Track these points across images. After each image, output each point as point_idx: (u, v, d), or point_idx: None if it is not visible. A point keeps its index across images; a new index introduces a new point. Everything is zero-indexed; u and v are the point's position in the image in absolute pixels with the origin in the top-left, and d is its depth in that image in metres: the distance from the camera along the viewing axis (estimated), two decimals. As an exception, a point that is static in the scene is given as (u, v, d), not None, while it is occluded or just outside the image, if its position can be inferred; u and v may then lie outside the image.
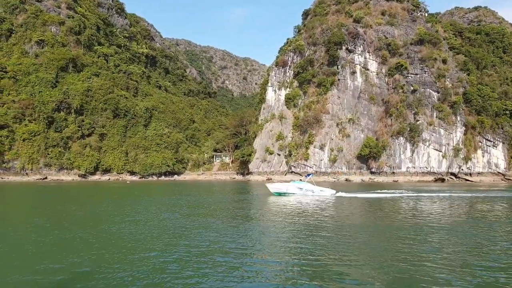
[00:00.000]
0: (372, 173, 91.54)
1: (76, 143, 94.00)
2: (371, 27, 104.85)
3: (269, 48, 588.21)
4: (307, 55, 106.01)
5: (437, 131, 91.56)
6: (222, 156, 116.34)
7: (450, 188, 54.95)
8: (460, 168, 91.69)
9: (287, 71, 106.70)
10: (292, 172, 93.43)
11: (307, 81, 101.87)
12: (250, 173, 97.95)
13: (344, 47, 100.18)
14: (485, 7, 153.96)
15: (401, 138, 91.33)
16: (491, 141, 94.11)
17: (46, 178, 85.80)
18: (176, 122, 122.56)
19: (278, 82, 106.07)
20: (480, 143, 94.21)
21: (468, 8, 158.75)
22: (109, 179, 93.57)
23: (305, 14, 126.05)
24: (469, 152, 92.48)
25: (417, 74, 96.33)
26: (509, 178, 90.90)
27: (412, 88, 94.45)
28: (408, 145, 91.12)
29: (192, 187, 59.83)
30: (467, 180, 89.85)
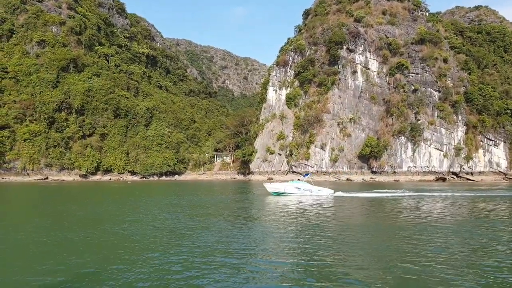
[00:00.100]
0: (373, 172, 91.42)
1: (77, 143, 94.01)
2: (372, 27, 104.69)
3: (270, 48, 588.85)
4: (308, 54, 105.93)
5: (438, 130, 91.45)
6: (223, 156, 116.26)
7: (452, 188, 54.84)
8: (461, 167, 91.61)
9: (288, 71, 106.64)
10: (293, 171, 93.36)
11: (308, 80, 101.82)
12: (251, 172, 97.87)
13: (345, 46, 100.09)
14: (485, 6, 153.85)
15: (402, 137, 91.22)
16: (492, 140, 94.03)
17: (47, 178, 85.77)
18: (177, 122, 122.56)
19: (279, 81, 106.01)
20: (482, 142, 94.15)
21: (468, 8, 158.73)
22: (110, 179, 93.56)
23: (306, 13, 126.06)
24: (470, 151, 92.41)
25: (418, 74, 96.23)
26: (510, 177, 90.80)
27: (413, 87, 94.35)
28: (409, 144, 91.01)
29: (193, 187, 59.77)
30: (469, 179, 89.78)
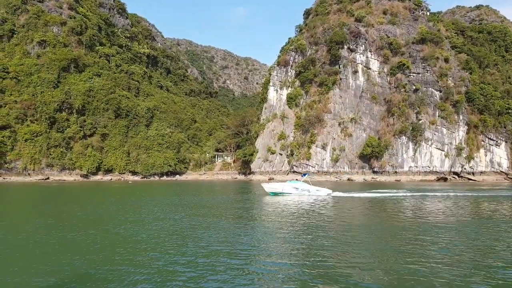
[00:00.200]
0: (374, 172, 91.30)
1: (78, 143, 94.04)
2: (373, 26, 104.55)
3: (270, 48, 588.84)
4: (308, 54, 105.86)
5: (439, 130, 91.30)
6: (223, 156, 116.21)
7: (453, 188, 54.72)
8: (462, 167, 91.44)
9: (289, 71, 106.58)
10: (294, 171, 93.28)
11: (309, 80, 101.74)
12: (252, 172, 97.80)
13: (345, 46, 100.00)
14: (486, 6, 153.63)
15: (404, 137, 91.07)
16: (494, 140, 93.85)
17: (48, 178, 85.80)
18: (178, 122, 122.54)
19: (279, 81, 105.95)
20: (483, 142, 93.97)
21: (469, 7, 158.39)
22: (111, 179, 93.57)
23: (307, 13, 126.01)
24: (471, 151, 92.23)
25: (419, 73, 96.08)
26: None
27: (414, 87, 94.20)
28: (411, 144, 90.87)
29: (194, 187, 59.72)
30: (470, 179, 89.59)
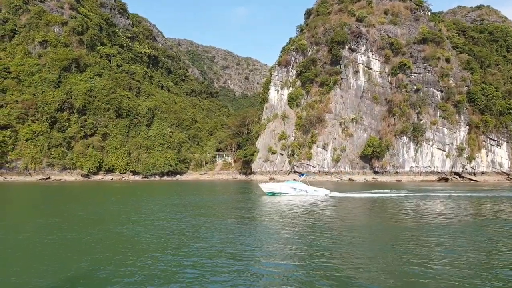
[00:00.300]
0: (375, 172, 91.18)
1: (78, 143, 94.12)
2: (374, 26, 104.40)
3: (271, 48, 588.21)
4: (309, 54, 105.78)
5: (440, 130, 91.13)
6: (224, 155, 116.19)
7: (454, 188, 54.58)
8: (464, 167, 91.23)
9: (290, 71, 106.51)
10: (295, 172, 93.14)
11: (310, 80, 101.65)
12: (252, 172, 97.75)
13: (347, 46, 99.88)
14: (487, 6, 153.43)
15: (405, 137, 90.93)
16: (495, 140, 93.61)
17: (49, 178, 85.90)
18: (179, 122, 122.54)
19: (280, 81, 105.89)
20: (484, 143, 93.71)
21: (470, 7, 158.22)
22: (112, 179, 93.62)
23: (308, 13, 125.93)
24: (473, 151, 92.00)
25: (420, 73, 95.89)
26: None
27: (415, 87, 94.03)
28: (412, 144, 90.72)
29: (195, 187, 59.71)
30: (471, 179, 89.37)
